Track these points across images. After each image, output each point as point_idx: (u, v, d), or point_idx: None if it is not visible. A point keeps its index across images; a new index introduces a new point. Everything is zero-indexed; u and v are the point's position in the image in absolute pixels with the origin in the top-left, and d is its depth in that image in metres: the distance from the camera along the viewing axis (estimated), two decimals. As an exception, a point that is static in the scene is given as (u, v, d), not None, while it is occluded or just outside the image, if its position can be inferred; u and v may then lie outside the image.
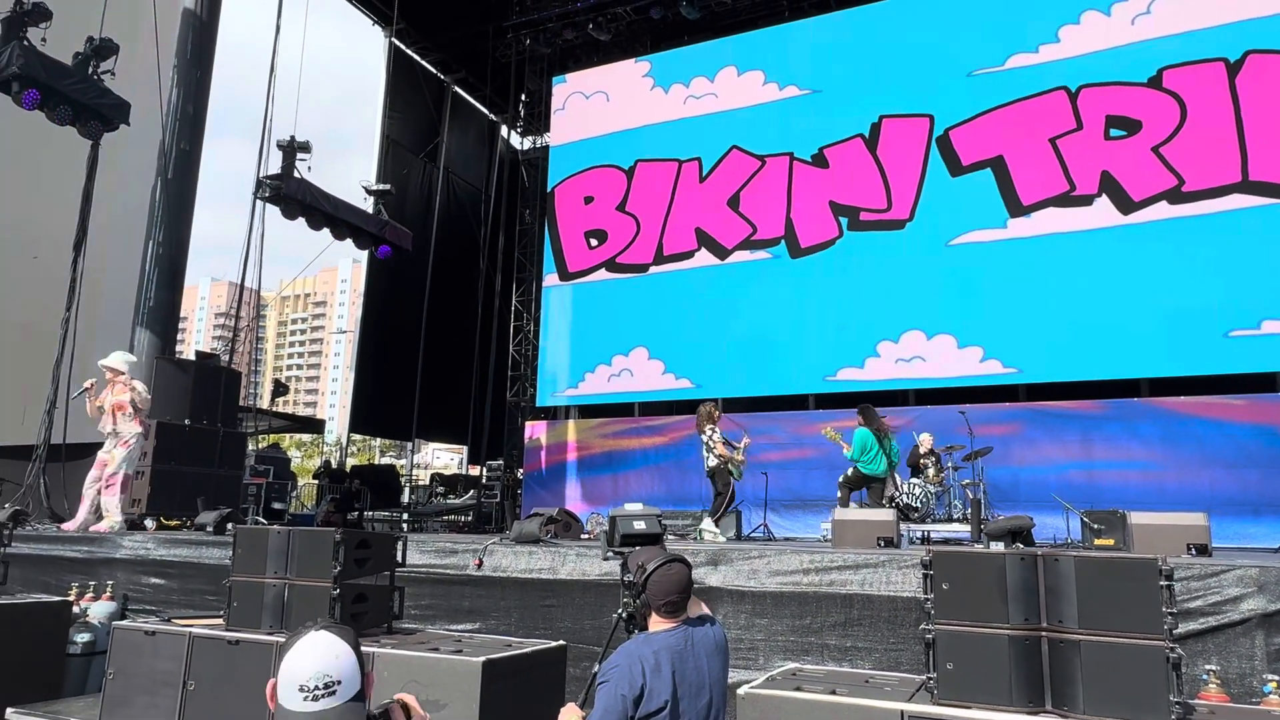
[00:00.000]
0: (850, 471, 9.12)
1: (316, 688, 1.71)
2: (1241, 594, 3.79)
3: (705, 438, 8.80)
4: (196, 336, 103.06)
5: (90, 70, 8.92)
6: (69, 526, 7.74)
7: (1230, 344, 10.34)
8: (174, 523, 8.89)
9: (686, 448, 13.28)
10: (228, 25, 11.59)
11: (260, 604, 4.37)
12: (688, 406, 13.94)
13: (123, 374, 8.00)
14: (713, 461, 8.69)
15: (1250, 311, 10.27)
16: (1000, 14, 12.32)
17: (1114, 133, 11.34)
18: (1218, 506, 9.71)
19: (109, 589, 6.34)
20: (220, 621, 4.52)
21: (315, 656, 1.74)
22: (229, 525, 7.03)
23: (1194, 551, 6.15)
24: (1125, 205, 11.13)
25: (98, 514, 7.82)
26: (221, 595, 4.63)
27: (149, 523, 8.25)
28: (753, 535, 9.77)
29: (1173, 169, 10.94)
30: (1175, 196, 10.89)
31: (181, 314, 11.65)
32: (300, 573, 4.35)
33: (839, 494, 9.08)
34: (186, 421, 9.42)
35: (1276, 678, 3.44)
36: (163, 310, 10.73)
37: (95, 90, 8.92)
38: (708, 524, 8.15)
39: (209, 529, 7.08)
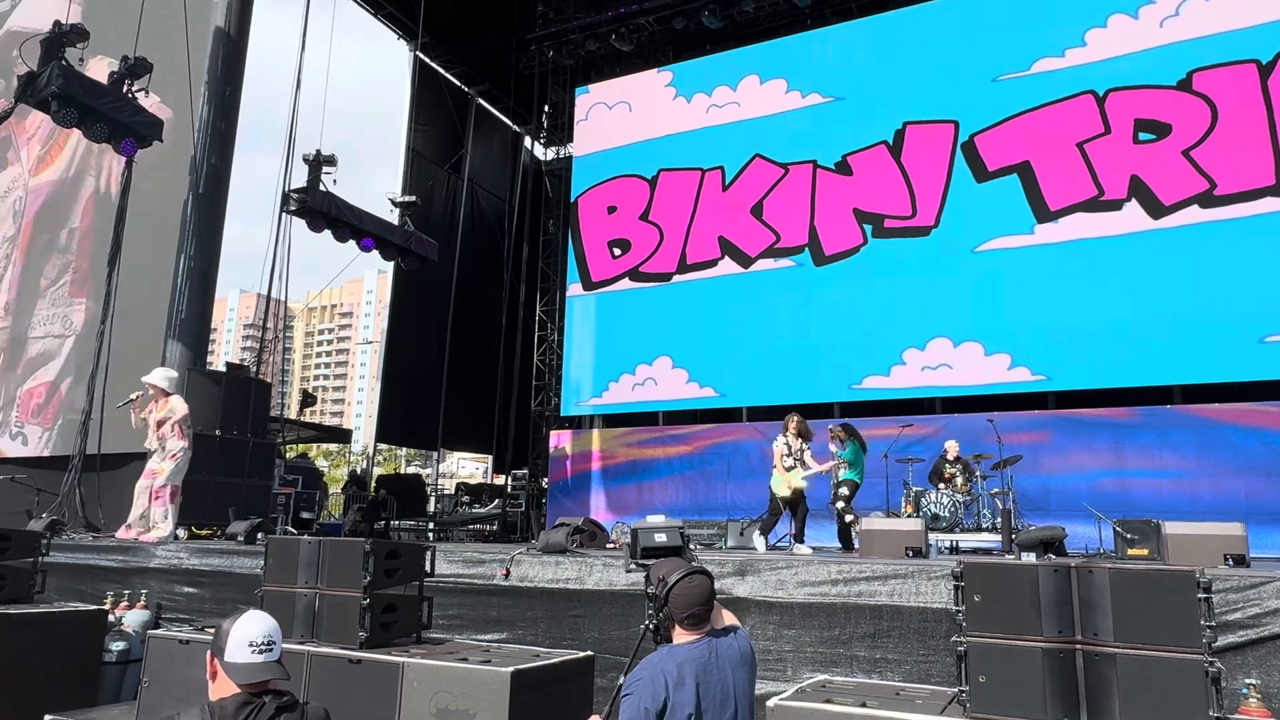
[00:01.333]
0: (846, 489, 8.90)
1: (263, 644, 2.37)
2: (1282, 606, 3.72)
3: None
4: (226, 348, 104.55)
5: (125, 89, 9.12)
6: (123, 535, 7.78)
7: (1265, 349, 10.15)
8: (205, 532, 9.01)
9: (711, 456, 13.27)
10: (257, 40, 11.79)
11: (292, 614, 4.41)
12: (712, 415, 13.94)
13: (166, 391, 8.13)
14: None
15: (1286, 316, 10.08)
16: (1025, 18, 12.23)
17: (1143, 136, 11.20)
18: (1255, 516, 9.52)
19: (143, 598, 6.44)
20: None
21: (260, 624, 2.40)
22: (260, 535, 7.12)
23: (1231, 562, 6.03)
24: (1155, 210, 10.98)
25: (145, 521, 7.91)
26: (253, 605, 4.68)
27: (181, 532, 8.37)
28: (779, 545, 9.72)
29: (1204, 172, 10.78)
30: (1207, 200, 10.72)
31: (211, 325, 11.81)
32: (331, 583, 4.39)
33: (848, 517, 8.70)
34: (217, 432, 9.56)
35: (1319, 692, 3.36)
36: (195, 323, 10.90)
37: (130, 109, 9.13)
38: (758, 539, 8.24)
39: (240, 539, 7.16)
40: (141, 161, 10.06)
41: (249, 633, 2.36)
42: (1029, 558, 4.81)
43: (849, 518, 8.63)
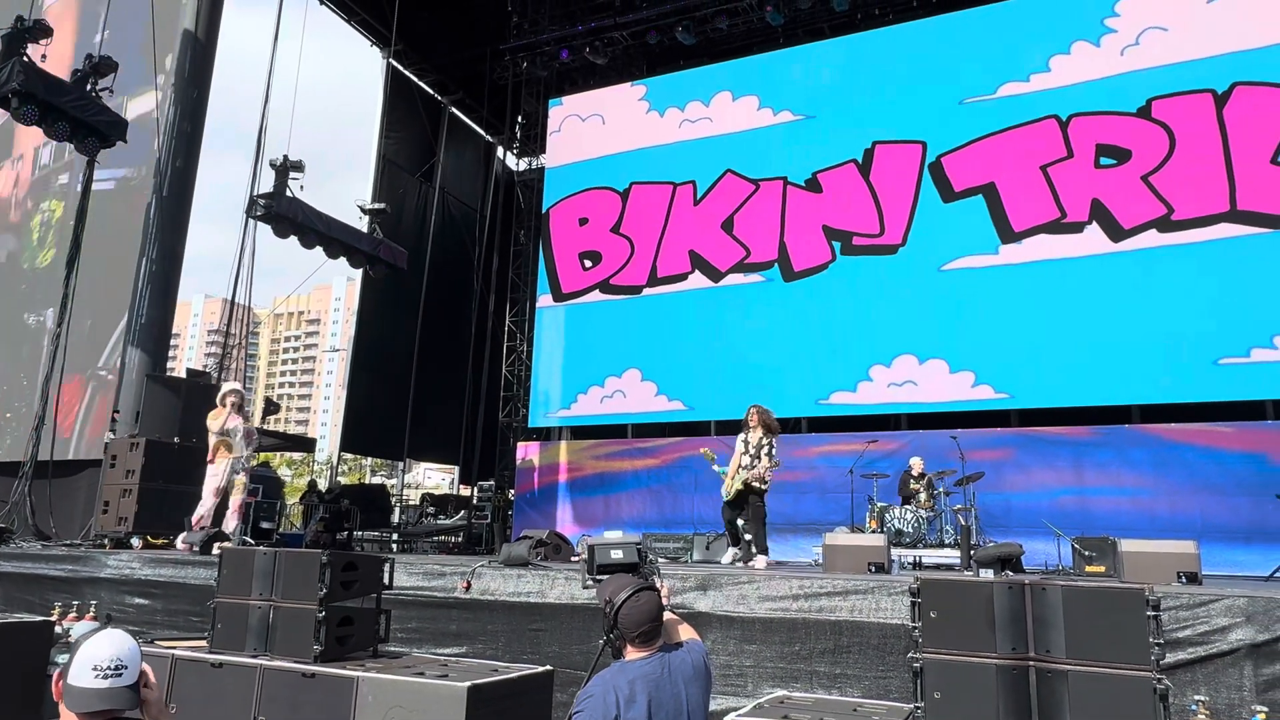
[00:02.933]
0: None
1: (110, 668, 2.05)
2: (1230, 624, 3.79)
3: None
4: (189, 353, 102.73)
5: (89, 87, 8.96)
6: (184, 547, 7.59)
7: (1220, 371, 10.39)
8: (160, 541, 8.81)
9: (679, 470, 13.26)
10: (229, 43, 11.67)
11: (245, 626, 4.34)
12: (680, 428, 13.95)
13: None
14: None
15: (1239, 339, 10.34)
16: (992, 43, 12.47)
17: (1104, 161, 11.45)
18: (1208, 534, 9.73)
19: (92, 609, 6.27)
20: (204, 644, 4.48)
21: (111, 644, 2.08)
22: (215, 545, 6.97)
23: (1184, 579, 6.15)
24: (1115, 233, 11.22)
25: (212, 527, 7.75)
26: (206, 617, 4.59)
27: (135, 541, 8.18)
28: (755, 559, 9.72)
29: (1162, 198, 11.05)
30: (1165, 225, 10.98)
31: (174, 331, 11.61)
32: (286, 595, 4.32)
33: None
34: (176, 439, 9.37)
35: (1265, 709, 3.43)
36: (155, 328, 10.70)
37: (93, 107, 8.96)
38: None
39: (195, 548, 7.02)
40: (107, 161, 9.88)
41: (95, 654, 2.06)
42: (987, 574, 4.86)
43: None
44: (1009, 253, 11.73)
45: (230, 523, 8.01)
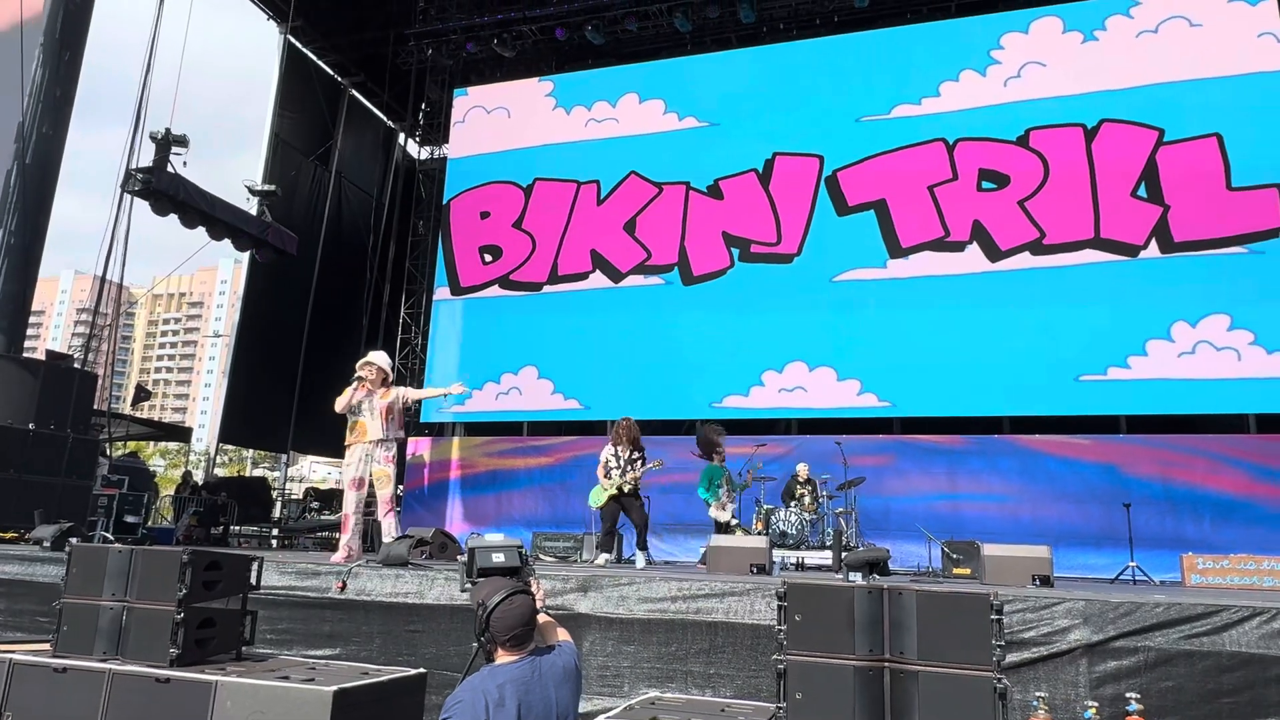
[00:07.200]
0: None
1: None
2: (1069, 625, 4.07)
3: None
4: (55, 332, 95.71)
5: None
6: (339, 558, 6.47)
7: (1081, 387, 11.15)
8: (9, 535, 8.19)
9: (573, 469, 13.23)
10: (112, 6, 10.94)
11: (94, 628, 4.08)
12: (576, 427, 13.93)
13: (388, 375, 7.11)
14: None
15: (1098, 358, 11.11)
16: (888, 66, 12.99)
17: (985, 185, 12.11)
18: (1065, 538, 10.45)
19: (-77, 609, 5.77)
20: (48, 647, 4.19)
21: None
22: (72, 541, 6.52)
23: (1038, 582, 6.57)
24: (993, 253, 11.87)
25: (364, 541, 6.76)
26: (53, 618, 4.29)
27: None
28: (631, 560, 9.80)
29: (1035, 222, 11.76)
30: (1037, 248, 11.70)
31: (39, 308, 10.81)
32: (141, 595, 4.09)
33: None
34: (31, 426, 8.73)
35: (1095, 704, 3.70)
36: (11, 304, 9.93)
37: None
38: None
39: (45, 544, 6.55)
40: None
41: None
42: (856, 577, 5.07)
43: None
44: (896, 267, 12.24)
45: (386, 522, 6.99)
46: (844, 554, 7.04)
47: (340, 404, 6.97)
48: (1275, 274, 10.60)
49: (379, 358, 7.19)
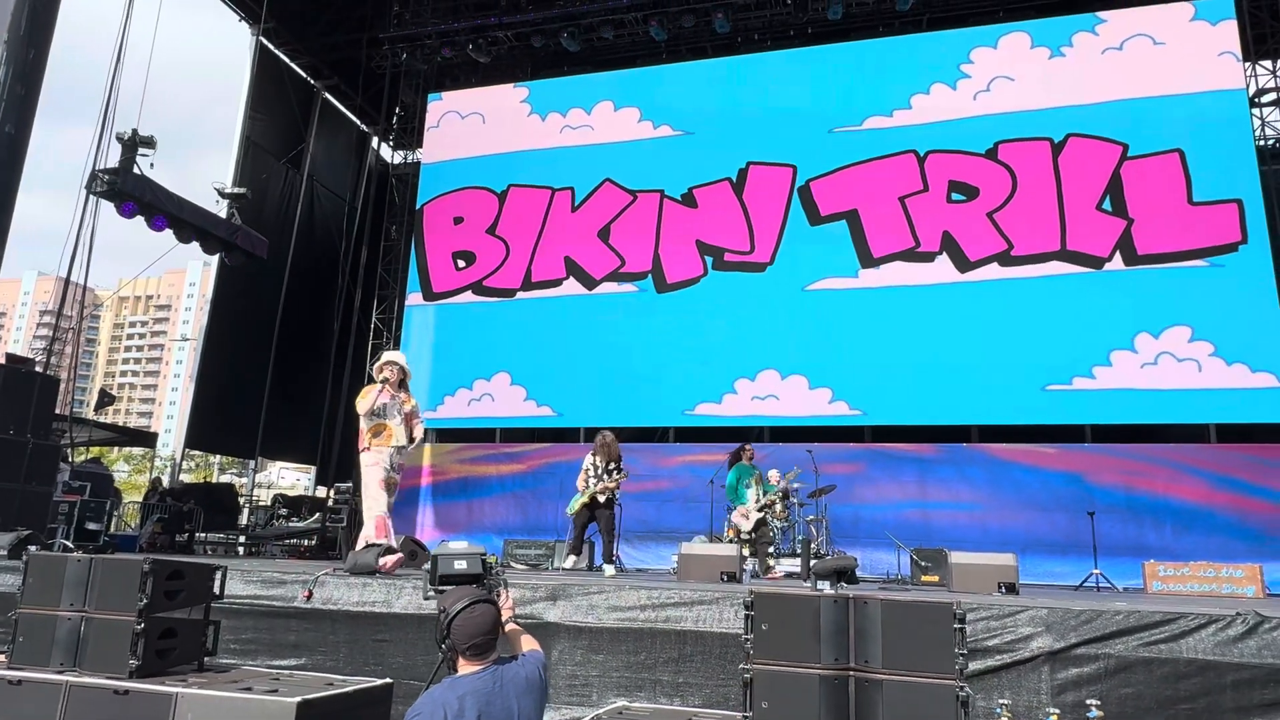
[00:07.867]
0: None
1: None
2: (1032, 633, 4.13)
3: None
4: (17, 334, 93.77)
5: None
6: (389, 563, 5.97)
7: (1047, 397, 11.32)
8: (-35, 543, 7.98)
9: (545, 476, 13.20)
10: (83, 4, 10.76)
11: (51, 639, 4.00)
12: (548, 434, 13.90)
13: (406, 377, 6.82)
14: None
15: (1064, 368, 11.30)
16: (861, 77, 13.15)
17: (955, 197, 12.28)
18: (1031, 546, 10.60)
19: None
20: (3, 659, 4.10)
21: None
22: (28, 549, 6.39)
23: (1004, 589, 6.65)
24: (962, 264, 12.03)
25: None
26: (9, 629, 4.20)
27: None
28: (600, 568, 9.80)
29: (1004, 234, 11.94)
30: (1005, 259, 11.88)
31: (-5, 311, 10.57)
32: (101, 605, 4.01)
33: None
34: (-12, 431, 8.53)
35: (1057, 711, 3.75)
36: (-30, 306, 9.72)
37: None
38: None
39: (2, 552, 6.41)
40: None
41: None
42: (824, 585, 5.10)
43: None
44: (867, 277, 12.37)
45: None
46: (812, 562, 7.09)
47: (364, 406, 6.70)
48: (1235, 287, 10.86)
49: (399, 357, 6.99)
